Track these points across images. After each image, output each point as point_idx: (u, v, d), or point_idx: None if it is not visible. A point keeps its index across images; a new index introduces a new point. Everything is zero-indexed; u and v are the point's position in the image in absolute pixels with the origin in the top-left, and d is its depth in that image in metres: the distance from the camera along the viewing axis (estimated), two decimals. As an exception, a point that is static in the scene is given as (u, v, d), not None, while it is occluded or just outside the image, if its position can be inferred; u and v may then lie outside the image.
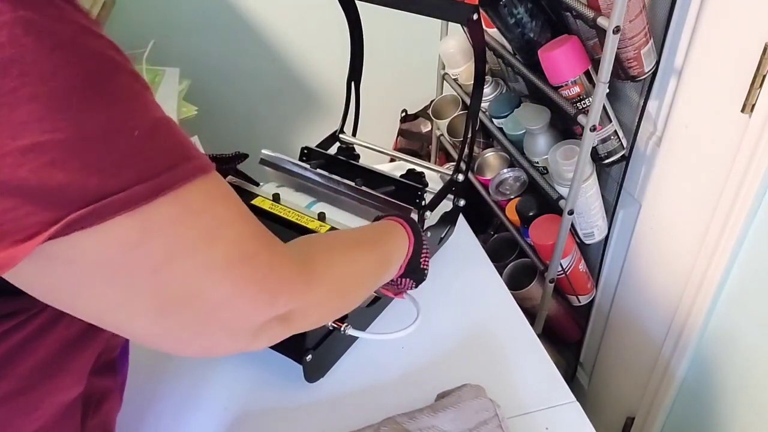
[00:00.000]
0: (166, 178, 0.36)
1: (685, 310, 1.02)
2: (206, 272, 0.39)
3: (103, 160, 0.34)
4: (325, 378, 0.79)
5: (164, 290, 0.39)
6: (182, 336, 0.42)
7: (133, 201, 0.35)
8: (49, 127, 0.33)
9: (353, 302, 0.59)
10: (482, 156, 1.30)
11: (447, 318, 0.87)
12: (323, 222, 0.82)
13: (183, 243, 0.38)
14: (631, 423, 1.22)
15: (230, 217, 0.41)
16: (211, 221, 0.40)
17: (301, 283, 0.46)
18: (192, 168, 0.38)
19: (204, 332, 0.42)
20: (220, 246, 0.40)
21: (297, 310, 0.46)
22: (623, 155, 1.03)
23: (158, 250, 0.37)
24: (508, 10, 0.96)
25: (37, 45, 0.33)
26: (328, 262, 0.52)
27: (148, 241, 0.36)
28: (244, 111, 1.83)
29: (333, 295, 0.53)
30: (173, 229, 0.38)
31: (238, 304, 0.42)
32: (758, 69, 0.80)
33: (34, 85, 0.33)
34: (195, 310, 0.40)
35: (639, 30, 0.89)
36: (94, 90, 0.35)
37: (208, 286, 0.40)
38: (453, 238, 1.00)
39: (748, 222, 0.88)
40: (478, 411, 0.70)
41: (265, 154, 0.96)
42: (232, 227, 0.41)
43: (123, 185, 0.35)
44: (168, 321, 0.40)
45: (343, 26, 0.98)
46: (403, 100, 1.84)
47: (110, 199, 0.34)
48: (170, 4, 1.61)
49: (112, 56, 0.37)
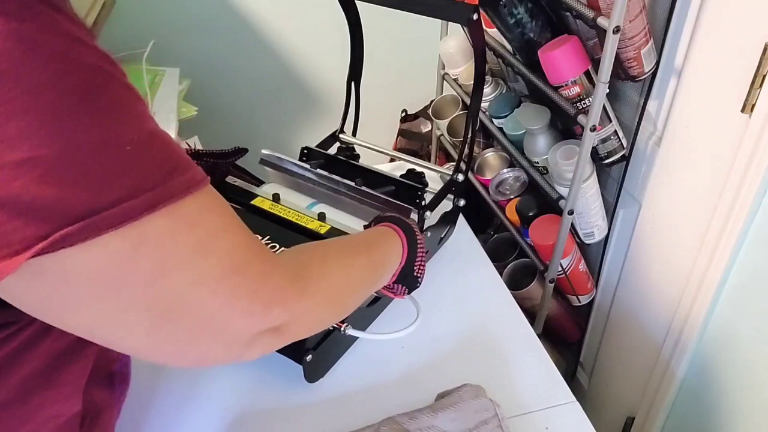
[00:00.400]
0: (160, 192, 0.36)
1: (685, 310, 1.02)
2: (200, 285, 0.39)
3: (95, 174, 0.34)
4: (325, 378, 0.79)
5: (157, 304, 0.38)
6: (175, 348, 0.42)
7: (126, 216, 0.35)
8: (40, 142, 0.32)
9: (346, 310, 0.59)
10: (482, 156, 1.30)
11: (447, 318, 0.87)
12: (323, 222, 0.81)
13: (176, 256, 0.38)
14: (631, 423, 1.22)
15: (223, 228, 0.41)
16: (204, 234, 0.39)
17: (295, 293, 0.46)
18: (186, 181, 0.38)
19: (197, 344, 0.42)
20: (214, 258, 0.40)
21: (290, 320, 0.46)
22: (623, 155, 1.03)
23: (151, 264, 0.37)
24: (508, 10, 0.96)
25: (30, 58, 0.32)
26: (321, 271, 0.52)
27: (140, 255, 0.36)
28: (244, 111, 1.83)
29: (326, 305, 0.53)
30: (166, 243, 0.37)
31: (231, 316, 0.41)
32: (758, 69, 0.80)
33: (26, 99, 0.32)
34: (188, 323, 0.40)
35: (639, 30, 0.89)
36: (86, 103, 0.34)
37: (202, 298, 0.39)
38: (453, 238, 1.00)
39: (748, 222, 0.88)
40: (478, 411, 0.70)
41: (265, 154, 0.96)
42: (225, 239, 0.41)
43: (115, 200, 0.34)
44: (160, 334, 0.40)
45: (343, 26, 0.97)
46: (403, 100, 1.84)
47: (101, 215, 0.34)
48: (170, 4, 1.61)
49: (105, 68, 0.36)
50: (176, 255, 0.38)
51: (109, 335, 0.40)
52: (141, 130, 0.37)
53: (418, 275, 0.70)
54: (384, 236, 0.68)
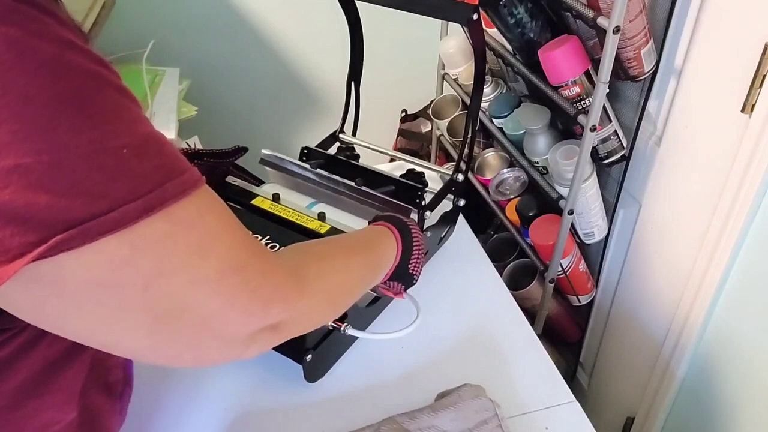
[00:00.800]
0: (156, 196, 0.36)
1: (685, 310, 1.02)
2: (199, 286, 0.39)
3: (90, 179, 0.33)
4: (325, 378, 0.79)
5: (156, 306, 0.38)
6: (175, 349, 0.42)
7: (123, 221, 0.34)
8: (33, 148, 0.32)
9: (342, 308, 0.60)
10: (482, 156, 1.30)
11: (447, 318, 0.87)
12: (323, 222, 0.81)
13: (174, 258, 0.38)
14: (631, 423, 1.22)
15: (221, 228, 0.41)
16: (202, 235, 0.39)
17: (294, 291, 0.46)
18: (182, 182, 0.38)
19: (196, 344, 0.42)
20: (212, 259, 0.40)
21: (289, 318, 0.46)
22: (623, 155, 1.03)
23: (149, 267, 0.37)
24: (508, 10, 0.96)
25: (20, 63, 0.32)
26: (319, 270, 0.52)
27: (138, 258, 0.36)
28: (244, 111, 1.83)
29: (324, 303, 0.53)
30: (164, 246, 0.37)
31: (230, 315, 0.41)
32: (758, 69, 0.80)
33: (17, 105, 0.32)
34: (187, 323, 0.40)
35: (639, 30, 0.89)
36: (79, 108, 0.34)
37: (201, 299, 0.39)
38: (453, 238, 1.00)
39: (748, 222, 0.88)
40: (478, 411, 0.70)
41: (265, 154, 0.96)
42: (223, 239, 0.41)
43: (112, 205, 0.34)
44: (160, 335, 0.39)
45: (343, 26, 0.97)
46: (403, 100, 1.84)
47: (98, 220, 0.34)
48: (170, 4, 1.61)
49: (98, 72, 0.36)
50: (175, 257, 0.38)
51: (108, 339, 0.39)
52: (135, 133, 0.36)
53: (414, 273, 0.70)
54: (379, 235, 0.68)
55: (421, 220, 0.87)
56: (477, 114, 0.92)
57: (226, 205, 0.43)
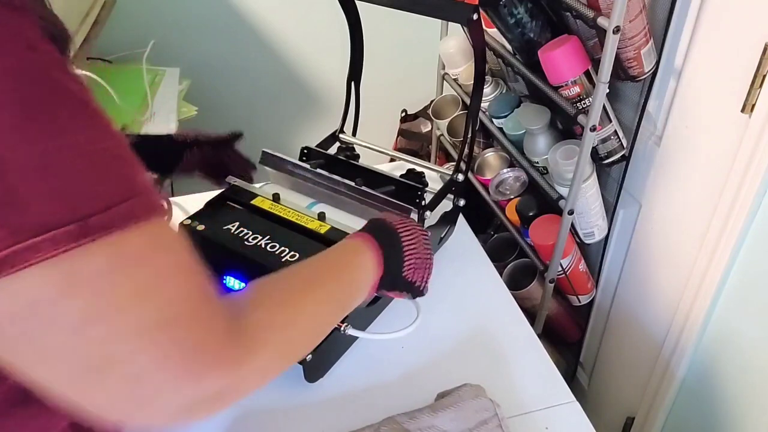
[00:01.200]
0: (97, 222, 0.31)
1: (685, 310, 1.02)
2: (131, 337, 0.34)
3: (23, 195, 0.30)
4: (325, 378, 0.79)
5: (87, 353, 0.33)
6: (117, 406, 0.37)
7: (52, 248, 0.30)
8: None
9: (303, 354, 0.55)
10: (482, 156, 1.30)
11: (447, 318, 0.87)
12: (323, 222, 0.82)
13: (109, 300, 0.33)
14: (631, 423, 1.22)
15: (166, 273, 0.36)
16: (145, 277, 0.35)
17: (232, 359, 0.40)
18: (131, 208, 0.33)
19: (136, 404, 0.37)
20: (149, 309, 0.35)
21: (231, 384, 0.40)
22: (623, 155, 1.03)
23: (80, 309, 0.32)
24: (508, 10, 0.96)
25: None
26: (271, 322, 0.45)
27: (69, 297, 0.32)
28: (244, 111, 1.83)
29: (277, 359, 0.47)
30: (99, 286, 0.32)
31: (160, 380, 0.36)
32: (758, 69, 0.80)
33: None
34: (120, 379, 0.35)
35: (639, 30, 0.89)
36: (24, 119, 0.31)
37: (129, 353, 0.34)
38: (453, 238, 1.00)
39: (748, 222, 0.88)
40: (478, 411, 0.70)
41: (265, 154, 0.96)
42: (167, 287, 0.36)
43: (44, 226, 0.30)
44: (96, 388, 0.35)
45: (343, 26, 0.98)
46: (403, 100, 1.84)
47: (24, 244, 0.29)
48: (170, 4, 1.61)
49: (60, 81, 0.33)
50: (108, 300, 0.33)
51: (36, 378, 0.35)
52: (91, 147, 0.32)
53: (414, 280, 0.66)
54: (352, 252, 0.61)
55: (421, 220, 0.87)
56: (477, 114, 0.92)
57: (183, 241, 0.38)
